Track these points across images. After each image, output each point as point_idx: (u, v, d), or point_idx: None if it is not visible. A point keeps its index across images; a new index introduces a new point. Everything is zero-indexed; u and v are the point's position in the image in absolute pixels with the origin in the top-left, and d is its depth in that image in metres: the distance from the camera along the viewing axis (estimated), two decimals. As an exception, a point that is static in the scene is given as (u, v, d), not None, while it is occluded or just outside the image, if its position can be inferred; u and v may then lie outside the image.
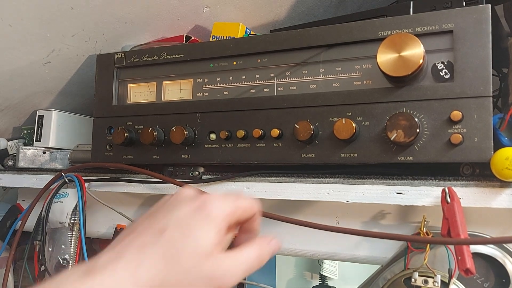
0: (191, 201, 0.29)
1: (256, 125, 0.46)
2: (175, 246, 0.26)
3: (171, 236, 0.27)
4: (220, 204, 0.29)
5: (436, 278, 0.40)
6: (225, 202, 0.29)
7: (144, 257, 0.26)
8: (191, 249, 0.27)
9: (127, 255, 0.26)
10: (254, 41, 0.48)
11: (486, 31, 0.39)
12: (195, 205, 0.28)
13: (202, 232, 0.27)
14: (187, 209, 0.28)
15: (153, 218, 0.28)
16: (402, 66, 0.39)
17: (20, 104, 0.68)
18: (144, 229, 0.27)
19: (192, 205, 0.28)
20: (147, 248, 0.26)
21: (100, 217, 0.60)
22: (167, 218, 0.28)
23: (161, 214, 0.28)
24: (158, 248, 0.26)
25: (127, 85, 0.55)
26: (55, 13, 0.53)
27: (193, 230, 0.27)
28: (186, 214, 0.28)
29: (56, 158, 0.66)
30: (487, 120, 0.38)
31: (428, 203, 0.39)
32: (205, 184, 0.48)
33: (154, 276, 0.26)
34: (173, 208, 0.29)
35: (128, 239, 0.27)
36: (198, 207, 0.28)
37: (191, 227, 0.27)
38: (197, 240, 0.27)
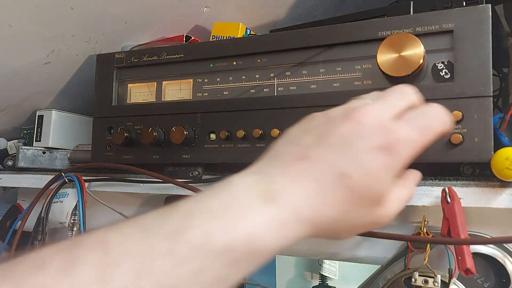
0: (376, 136, 0.26)
1: (256, 125, 0.46)
2: (355, 195, 0.25)
3: (353, 184, 0.25)
4: (409, 145, 0.26)
5: (436, 278, 0.40)
6: (414, 140, 0.27)
7: (325, 199, 0.25)
8: (368, 200, 0.26)
9: (309, 191, 0.25)
10: (254, 41, 0.48)
11: (486, 31, 0.39)
12: (381, 144, 0.26)
13: (383, 183, 0.26)
14: (371, 149, 0.25)
15: (330, 148, 0.26)
16: (402, 66, 0.39)
17: (20, 104, 0.68)
18: (322, 162, 0.25)
19: (376, 142, 0.26)
20: (328, 188, 0.25)
21: (100, 217, 0.60)
22: (348, 157, 0.25)
23: (339, 147, 0.26)
24: (339, 192, 0.25)
25: (127, 85, 0.55)
26: (55, 13, 0.53)
27: (376, 182, 0.26)
28: (369, 158, 0.25)
29: (56, 158, 0.66)
30: (488, 120, 0.38)
31: (428, 203, 0.39)
32: (205, 184, 0.48)
33: (330, 218, 0.25)
34: (353, 142, 0.26)
35: (304, 166, 0.25)
36: (384, 148, 0.26)
37: (374, 178, 0.26)
38: (376, 192, 0.26)
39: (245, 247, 0.23)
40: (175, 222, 0.22)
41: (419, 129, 0.27)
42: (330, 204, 0.25)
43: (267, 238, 0.23)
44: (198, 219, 0.22)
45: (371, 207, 0.27)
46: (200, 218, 0.23)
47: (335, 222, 0.26)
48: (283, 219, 0.24)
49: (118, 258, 0.20)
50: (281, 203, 0.24)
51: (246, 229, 0.23)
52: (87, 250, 0.20)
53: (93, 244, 0.21)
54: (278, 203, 0.24)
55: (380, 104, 0.28)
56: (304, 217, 0.25)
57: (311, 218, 0.25)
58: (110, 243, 0.21)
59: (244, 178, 0.26)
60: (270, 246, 0.24)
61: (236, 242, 0.22)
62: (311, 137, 0.27)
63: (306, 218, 0.25)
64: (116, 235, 0.22)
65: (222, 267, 0.22)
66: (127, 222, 0.23)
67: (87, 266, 0.20)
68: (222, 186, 0.25)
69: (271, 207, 0.24)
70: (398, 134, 0.26)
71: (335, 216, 0.26)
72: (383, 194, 0.27)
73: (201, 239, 0.22)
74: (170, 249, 0.21)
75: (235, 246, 0.22)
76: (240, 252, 0.23)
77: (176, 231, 0.22)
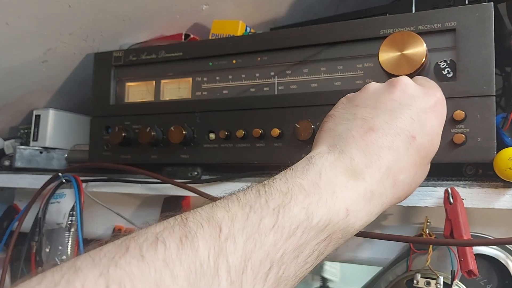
0: (426, 97, 0.30)
1: (256, 125, 0.46)
2: (423, 155, 0.29)
3: (421, 144, 0.28)
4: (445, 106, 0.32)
5: (438, 279, 0.40)
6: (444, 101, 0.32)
7: (401, 165, 0.27)
8: (430, 156, 0.29)
9: (387, 162, 0.27)
10: (254, 39, 0.47)
11: (489, 30, 0.38)
12: (432, 104, 0.30)
13: (439, 138, 0.30)
14: (426, 109, 0.29)
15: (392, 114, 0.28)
16: (404, 65, 0.38)
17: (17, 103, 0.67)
18: (390, 129, 0.28)
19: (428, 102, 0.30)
20: (402, 154, 0.27)
21: (98, 218, 0.59)
22: (411, 119, 0.28)
23: (400, 110, 0.28)
24: (410, 155, 0.27)
25: (125, 83, 0.54)
26: (52, 11, 0.52)
27: (436, 139, 0.30)
28: (427, 117, 0.29)
29: (53, 158, 0.65)
30: (490, 120, 0.38)
31: (431, 204, 0.39)
32: (205, 185, 0.48)
33: (406, 182, 0.28)
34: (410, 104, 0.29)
35: (375, 137, 0.27)
36: (435, 107, 0.30)
37: (434, 135, 0.29)
38: (436, 149, 0.30)
39: (341, 222, 0.24)
40: (276, 200, 0.24)
41: (439, 89, 0.32)
42: (406, 169, 0.27)
43: (360, 212, 0.25)
44: (296, 197, 0.24)
45: (428, 165, 0.30)
46: (298, 196, 0.24)
47: (409, 185, 0.28)
48: (370, 191, 0.26)
49: (231, 233, 0.22)
50: (367, 179, 0.26)
51: (343, 205, 0.24)
52: (199, 226, 0.22)
53: (203, 221, 0.22)
54: (362, 179, 0.26)
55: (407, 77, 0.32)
56: (387, 187, 0.26)
57: (393, 187, 0.27)
58: (219, 219, 0.22)
59: (324, 157, 0.27)
60: (361, 220, 0.25)
61: (333, 217, 0.24)
62: (366, 109, 0.29)
63: (388, 189, 0.26)
64: (222, 212, 0.23)
65: (319, 242, 0.24)
66: (226, 200, 0.24)
67: (204, 241, 0.21)
68: (304, 166, 0.26)
69: (357, 182, 0.25)
70: (438, 95, 0.31)
71: (409, 181, 0.28)
72: (437, 148, 0.30)
73: (302, 215, 0.23)
74: (276, 224, 0.23)
75: (333, 221, 0.24)
76: (336, 227, 0.24)
77: (278, 207, 0.23)
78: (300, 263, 0.23)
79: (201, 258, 0.20)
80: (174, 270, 0.19)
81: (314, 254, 0.24)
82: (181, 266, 0.20)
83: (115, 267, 0.19)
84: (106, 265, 0.19)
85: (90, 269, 0.19)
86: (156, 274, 0.19)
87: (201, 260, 0.20)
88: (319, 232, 0.24)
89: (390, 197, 0.27)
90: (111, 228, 0.58)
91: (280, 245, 0.22)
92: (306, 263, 0.24)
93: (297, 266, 0.23)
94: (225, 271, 0.21)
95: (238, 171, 0.48)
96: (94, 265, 0.19)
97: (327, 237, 0.24)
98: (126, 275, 0.19)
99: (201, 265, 0.20)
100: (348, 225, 0.25)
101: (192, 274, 0.20)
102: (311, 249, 0.24)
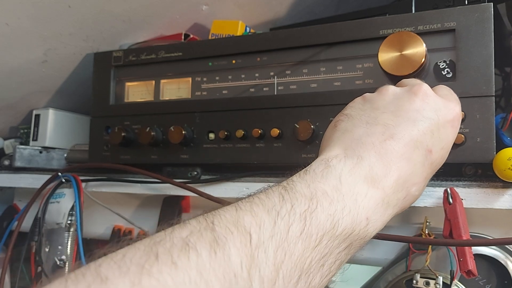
0: (446, 111, 0.29)
1: (256, 125, 0.46)
2: (434, 168, 0.29)
3: (435, 159, 0.28)
4: (461, 113, 0.32)
5: (438, 279, 0.40)
6: (460, 115, 0.31)
7: (415, 179, 0.27)
8: (437, 168, 0.30)
9: (404, 174, 0.26)
10: (254, 40, 0.47)
11: (488, 30, 0.38)
12: (451, 119, 0.30)
13: (448, 152, 0.30)
14: (446, 124, 0.29)
15: (414, 125, 0.28)
16: (404, 65, 0.38)
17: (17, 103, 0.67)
18: (411, 141, 0.27)
19: (448, 117, 0.29)
20: (418, 168, 0.27)
21: (98, 218, 0.59)
22: (431, 133, 0.28)
23: (422, 122, 0.28)
24: (424, 169, 0.28)
25: (124, 83, 0.54)
26: (52, 11, 0.52)
27: (447, 154, 0.30)
28: (446, 133, 0.29)
29: (53, 157, 0.65)
30: (490, 120, 0.38)
31: (430, 204, 0.39)
32: (204, 185, 0.48)
33: (416, 195, 0.28)
34: (431, 117, 0.28)
35: (394, 147, 0.27)
36: (453, 122, 0.30)
37: (447, 151, 0.30)
38: (445, 159, 0.30)
39: (363, 231, 0.24)
40: (302, 206, 0.23)
41: (459, 103, 0.32)
42: (419, 182, 0.27)
43: (377, 221, 0.25)
44: (321, 203, 0.23)
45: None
46: (323, 202, 0.23)
47: (415, 198, 0.28)
48: (387, 202, 0.25)
49: (260, 241, 0.21)
50: (383, 187, 0.25)
51: (364, 214, 0.24)
52: (228, 231, 0.20)
53: (230, 225, 0.21)
54: (381, 187, 0.25)
55: (427, 85, 0.31)
56: (399, 199, 0.26)
57: (404, 199, 0.26)
58: (247, 225, 0.21)
59: (342, 162, 0.26)
60: (377, 229, 0.25)
61: (356, 226, 0.24)
62: (387, 115, 0.28)
63: (400, 200, 0.26)
64: (249, 217, 0.22)
65: (341, 251, 0.24)
66: (249, 204, 0.23)
67: (236, 249, 0.20)
68: (323, 170, 0.26)
69: (376, 191, 0.25)
70: (456, 109, 0.30)
71: (418, 193, 0.28)
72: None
73: (328, 223, 0.23)
74: (304, 232, 0.22)
75: (355, 230, 0.24)
76: (358, 236, 0.24)
77: (305, 213, 0.22)
78: (325, 272, 0.23)
79: (234, 267, 0.19)
80: (209, 280, 0.18)
81: (336, 263, 0.24)
82: (215, 276, 0.19)
83: (148, 277, 0.17)
84: (137, 273, 0.18)
85: (119, 278, 0.17)
86: (190, 285, 0.18)
87: (234, 270, 0.19)
88: (342, 241, 0.23)
89: (399, 208, 0.27)
90: (111, 227, 0.58)
91: (308, 254, 0.22)
92: (330, 272, 0.23)
93: (323, 275, 0.23)
94: (258, 282, 0.20)
95: (237, 171, 0.48)
96: (123, 274, 0.18)
97: (348, 245, 0.24)
98: (159, 285, 0.17)
99: (235, 276, 0.19)
100: (366, 234, 0.25)
101: (227, 284, 0.19)
102: (334, 258, 0.23)
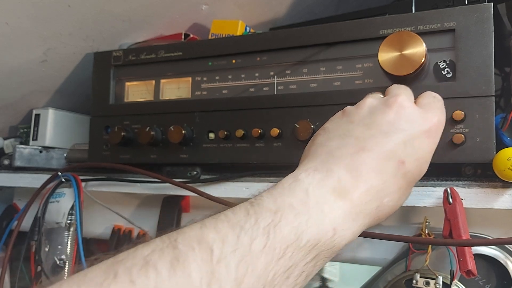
0: (422, 122, 0.29)
1: (256, 125, 0.46)
2: (409, 180, 0.28)
3: (409, 170, 0.28)
4: (443, 127, 0.31)
5: (437, 279, 0.40)
6: (444, 121, 0.31)
7: (387, 189, 0.27)
8: (416, 181, 0.29)
9: (374, 184, 0.26)
10: (254, 39, 0.47)
11: (488, 30, 0.38)
12: (427, 129, 0.29)
13: (427, 165, 0.29)
14: (421, 135, 0.28)
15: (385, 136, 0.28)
16: (403, 65, 0.38)
17: (16, 103, 0.67)
18: (381, 152, 0.27)
19: (423, 127, 0.29)
20: (389, 178, 0.27)
21: (97, 217, 0.59)
22: (404, 144, 0.28)
23: (394, 134, 0.28)
24: (397, 180, 0.27)
25: (124, 83, 0.54)
26: (52, 11, 0.52)
27: (425, 165, 0.29)
28: (421, 143, 0.28)
29: (53, 157, 0.65)
30: (490, 120, 0.38)
31: (430, 204, 0.39)
32: (204, 184, 0.48)
33: (390, 206, 0.27)
34: (405, 129, 0.28)
35: (364, 159, 0.27)
36: (430, 133, 0.29)
37: (424, 162, 0.29)
38: (423, 174, 0.29)
39: (329, 241, 0.24)
40: (266, 219, 0.23)
41: (442, 112, 0.31)
42: (391, 193, 0.27)
43: (345, 231, 0.25)
44: (286, 216, 0.23)
45: (411, 188, 0.29)
46: (288, 215, 0.23)
47: (391, 209, 0.28)
48: (355, 212, 0.25)
49: (222, 255, 0.21)
50: (352, 198, 0.25)
51: (331, 224, 0.24)
52: (190, 248, 0.21)
53: (193, 242, 0.21)
54: (349, 198, 0.25)
55: (408, 94, 0.31)
56: (372, 210, 0.26)
57: (377, 210, 0.26)
58: (210, 241, 0.21)
59: (311, 175, 0.26)
60: (346, 239, 0.25)
61: (322, 237, 0.24)
62: (360, 128, 0.29)
63: (373, 211, 0.26)
64: (212, 233, 0.22)
65: (308, 262, 0.23)
66: (215, 220, 0.23)
67: (196, 265, 0.20)
68: (291, 183, 0.26)
69: (344, 202, 0.25)
70: (435, 119, 0.30)
71: (392, 204, 0.27)
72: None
73: (292, 235, 0.23)
74: (267, 245, 0.22)
75: (321, 241, 0.24)
76: (324, 246, 0.24)
77: (269, 227, 0.23)
78: (291, 284, 0.23)
79: (194, 284, 0.19)
80: None
81: (302, 275, 0.24)
82: None
83: None
84: None
85: None
86: None
87: (194, 286, 0.19)
88: (307, 252, 0.23)
89: (372, 219, 0.27)
90: (111, 227, 0.58)
91: (271, 267, 0.22)
92: (296, 283, 0.23)
93: (288, 287, 0.23)
94: None
95: (237, 171, 0.48)
96: None
97: (314, 257, 0.24)
98: None
99: None
100: (334, 244, 0.25)
101: None
102: (300, 270, 0.23)
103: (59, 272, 0.52)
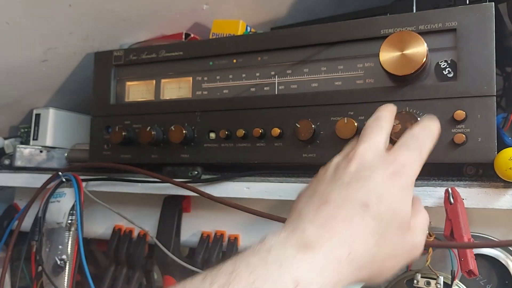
0: (384, 165, 0.28)
1: (256, 124, 0.46)
2: (382, 222, 0.27)
3: (378, 212, 0.27)
4: (414, 165, 0.29)
5: (438, 279, 0.40)
6: (416, 160, 0.29)
7: (356, 234, 0.26)
8: (396, 224, 0.27)
9: (339, 230, 0.26)
10: (255, 39, 0.47)
11: (489, 30, 0.38)
12: (391, 171, 0.28)
13: (404, 204, 0.28)
14: (384, 178, 0.28)
15: (347, 186, 0.28)
16: (405, 65, 0.38)
17: (17, 102, 0.67)
18: (344, 200, 0.27)
19: (386, 170, 0.28)
20: (356, 224, 0.26)
21: (98, 217, 0.59)
22: (366, 188, 0.27)
23: (355, 182, 0.28)
24: (366, 224, 0.26)
25: (125, 83, 0.54)
26: (52, 10, 0.52)
27: (397, 204, 0.27)
28: (385, 185, 0.28)
29: (53, 157, 0.65)
30: (491, 120, 0.38)
31: (431, 204, 0.39)
32: (205, 184, 0.48)
33: (367, 252, 0.26)
34: (366, 175, 0.28)
35: (328, 210, 0.27)
36: (394, 174, 0.28)
37: (394, 201, 0.27)
38: (401, 215, 0.28)
39: None
40: (220, 281, 0.23)
41: (416, 150, 0.30)
42: (362, 238, 0.26)
43: (310, 284, 0.24)
44: (240, 275, 0.23)
45: (401, 234, 0.28)
46: (243, 273, 0.24)
47: (372, 256, 0.26)
48: (322, 263, 0.25)
49: None
50: (316, 249, 0.25)
51: (291, 276, 0.24)
52: None
53: None
54: (313, 250, 0.25)
55: (372, 140, 0.30)
56: (341, 257, 0.25)
57: (349, 257, 0.25)
58: None
59: (277, 235, 0.27)
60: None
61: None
62: (324, 185, 0.29)
63: (343, 259, 0.25)
64: None
65: None
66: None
67: None
68: (258, 245, 0.26)
69: (308, 254, 0.25)
70: (401, 159, 0.29)
71: (370, 249, 0.26)
72: (407, 215, 0.28)
73: None
74: None
75: None
76: None
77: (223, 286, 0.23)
78: None
79: None
80: None
81: None
82: None
83: None
84: None
85: None
86: None
87: None
88: None
89: (347, 265, 0.26)
90: (111, 227, 0.58)
91: None
92: None
93: None
94: None
95: (238, 171, 0.48)
96: None
97: None
98: None
99: None
100: None
101: None
102: None
103: (60, 272, 0.52)
